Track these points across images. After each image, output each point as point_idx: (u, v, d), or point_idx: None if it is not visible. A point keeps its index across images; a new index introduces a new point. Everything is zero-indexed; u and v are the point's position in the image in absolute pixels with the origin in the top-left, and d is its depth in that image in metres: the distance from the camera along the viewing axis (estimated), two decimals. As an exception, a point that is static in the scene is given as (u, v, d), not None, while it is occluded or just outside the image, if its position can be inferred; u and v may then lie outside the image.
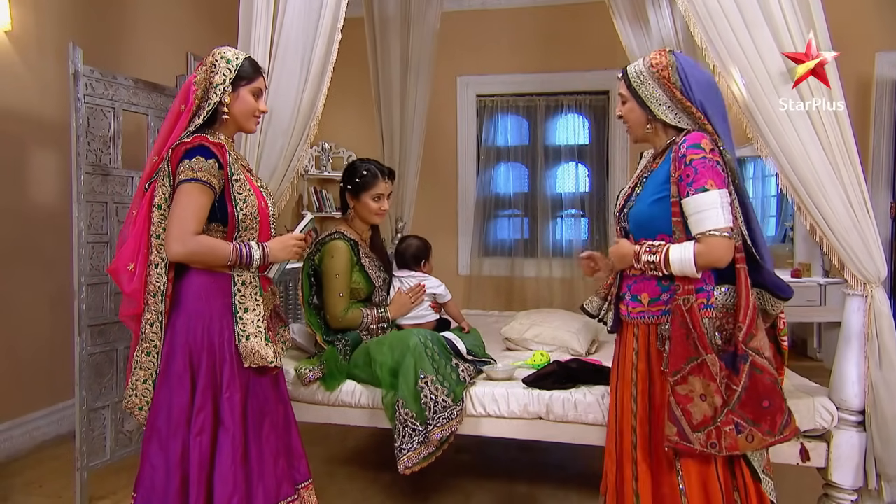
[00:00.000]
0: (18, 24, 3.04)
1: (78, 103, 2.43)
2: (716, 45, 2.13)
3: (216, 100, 1.93)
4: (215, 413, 1.88)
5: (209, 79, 1.95)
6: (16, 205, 3.07)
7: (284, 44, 2.34)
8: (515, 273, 5.64)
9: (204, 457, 1.85)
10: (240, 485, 1.87)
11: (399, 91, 3.78)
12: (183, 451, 1.85)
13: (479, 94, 5.67)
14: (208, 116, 1.95)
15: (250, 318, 1.93)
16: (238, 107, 1.98)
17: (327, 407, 2.45)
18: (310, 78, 2.34)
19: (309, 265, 2.60)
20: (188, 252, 1.85)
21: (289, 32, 2.33)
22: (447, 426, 2.23)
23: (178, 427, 1.86)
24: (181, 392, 1.87)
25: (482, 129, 5.69)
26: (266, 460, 1.98)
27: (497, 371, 2.44)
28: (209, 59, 1.97)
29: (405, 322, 2.68)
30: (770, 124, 2.10)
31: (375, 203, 2.61)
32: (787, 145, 2.09)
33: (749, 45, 2.11)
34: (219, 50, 1.98)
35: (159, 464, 1.86)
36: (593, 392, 2.29)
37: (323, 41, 2.33)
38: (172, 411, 1.87)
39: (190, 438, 1.85)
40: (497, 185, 5.74)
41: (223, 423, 1.87)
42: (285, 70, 2.34)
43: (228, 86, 1.95)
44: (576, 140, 5.65)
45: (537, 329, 2.96)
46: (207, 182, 1.86)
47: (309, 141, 2.43)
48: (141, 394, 1.94)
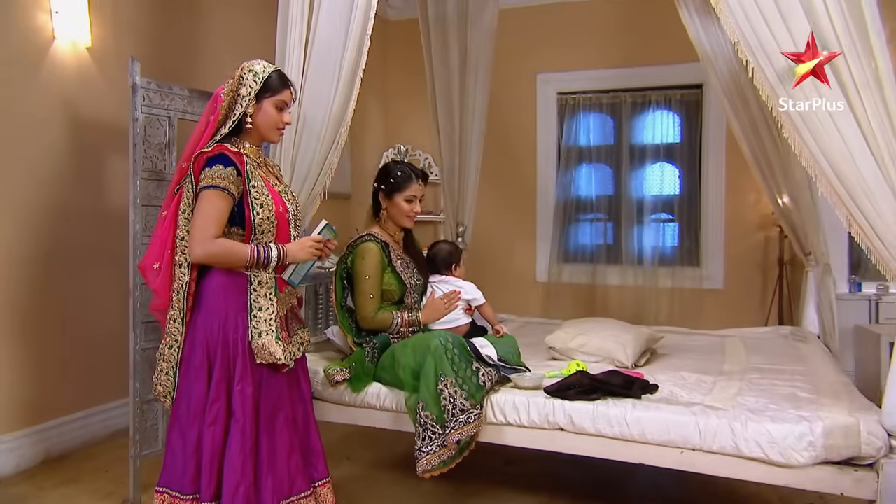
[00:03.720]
0: (98, 39, 3.47)
1: (135, 113, 2.76)
2: (748, 39, 2.11)
3: (241, 111, 2.17)
4: (228, 405, 2.10)
5: (236, 91, 2.18)
6: (95, 209, 3.49)
7: (317, 50, 2.54)
8: (597, 281, 5.60)
9: (216, 445, 2.07)
10: (248, 474, 2.06)
11: (458, 92, 3.92)
12: (199, 440, 2.08)
13: (559, 92, 5.69)
14: (234, 126, 2.19)
15: (263, 316, 2.13)
16: (261, 118, 2.21)
17: (354, 408, 2.62)
18: (340, 84, 2.53)
19: (342, 267, 2.78)
20: (208, 254, 2.08)
21: (321, 39, 2.52)
22: (464, 430, 2.33)
23: (196, 417, 2.09)
24: (199, 384, 2.10)
25: (563, 128, 5.71)
26: (278, 454, 2.16)
27: (524, 379, 2.51)
28: (238, 71, 2.21)
29: (436, 326, 2.79)
30: (809, 123, 2.05)
31: (408, 205, 2.76)
32: (828, 146, 2.03)
33: (786, 38, 2.07)
34: (248, 63, 2.21)
35: (178, 450, 2.11)
36: (619, 405, 2.30)
37: (353, 47, 2.51)
38: (191, 402, 2.11)
39: (204, 428, 2.08)
40: (579, 188, 5.72)
41: (234, 414, 2.08)
42: (318, 76, 2.54)
43: (253, 98, 2.18)
44: (665, 138, 5.53)
45: (583, 338, 2.99)
46: (226, 188, 2.09)
47: (340, 147, 2.63)
48: (164, 384, 2.20)
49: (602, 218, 5.70)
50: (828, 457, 2.09)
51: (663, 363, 2.99)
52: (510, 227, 5.77)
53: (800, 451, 2.09)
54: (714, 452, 2.19)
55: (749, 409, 2.28)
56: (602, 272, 5.58)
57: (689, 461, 2.22)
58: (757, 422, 2.16)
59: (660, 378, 2.67)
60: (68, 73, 3.36)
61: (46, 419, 3.31)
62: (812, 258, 3.75)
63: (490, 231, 5.73)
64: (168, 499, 2.13)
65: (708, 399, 2.41)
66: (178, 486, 2.12)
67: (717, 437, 2.17)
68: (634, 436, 2.25)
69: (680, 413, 2.24)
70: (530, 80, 5.68)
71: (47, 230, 3.28)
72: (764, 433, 2.13)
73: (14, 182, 3.13)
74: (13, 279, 3.15)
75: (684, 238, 5.54)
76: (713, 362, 3.03)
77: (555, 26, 5.58)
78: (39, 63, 3.23)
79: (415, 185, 2.76)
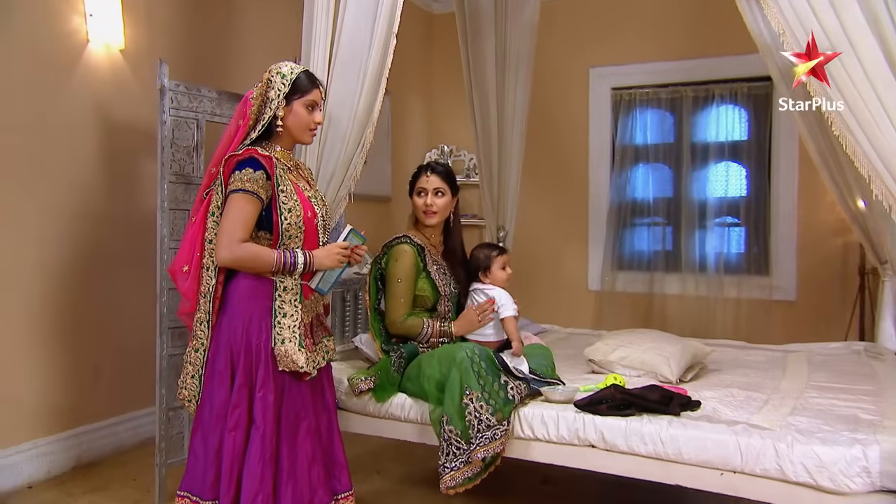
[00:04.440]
0: (131, 41, 3.68)
1: (163, 116, 2.93)
2: (794, 30, 2.10)
3: (270, 114, 2.29)
4: (249, 411, 2.22)
5: (265, 94, 2.32)
6: (128, 213, 3.69)
7: (342, 50, 2.65)
8: (655, 289, 5.55)
9: (236, 452, 2.19)
10: (267, 482, 2.17)
11: (496, 89, 3.97)
12: (220, 445, 2.21)
13: (614, 87, 5.67)
14: (264, 129, 2.31)
15: (287, 323, 2.24)
16: (292, 120, 2.34)
17: (378, 419, 2.70)
18: (366, 84, 2.63)
19: (376, 268, 2.88)
20: (234, 258, 2.21)
21: (346, 38, 2.63)
22: (490, 446, 2.38)
23: (217, 421, 2.22)
24: (222, 388, 2.23)
25: (617, 126, 5.69)
26: (299, 463, 2.27)
27: (556, 393, 2.54)
28: (266, 74, 2.34)
29: (471, 338, 2.85)
30: (861, 122, 2.02)
31: (420, 199, 2.83)
32: (883, 145, 2.00)
33: (835, 29, 2.05)
34: (276, 66, 2.35)
35: (200, 455, 2.25)
36: (654, 422, 2.32)
37: (378, 46, 2.61)
38: (213, 407, 2.24)
39: (224, 433, 2.20)
40: (635, 189, 5.69)
41: (255, 421, 2.20)
42: (343, 76, 2.65)
43: (282, 100, 2.30)
44: (730, 135, 5.44)
45: (624, 350, 2.99)
46: (254, 192, 2.22)
47: (365, 150, 2.73)
48: (189, 387, 2.34)
49: (660, 222, 5.65)
50: (884, 484, 2.05)
51: (712, 379, 2.97)
52: (560, 231, 5.78)
53: (852, 476, 2.06)
54: (757, 476, 2.18)
55: (798, 429, 2.26)
56: (660, 280, 5.53)
57: (731, 484, 2.22)
58: (804, 443, 2.14)
59: (705, 395, 2.67)
60: (102, 76, 3.57)
61: (78, 425, 3.52)
62: (889, 267, 3.65)
63: (538, 236, 5.77)
64: (188, 503, 2.26)
65: (754, 418, 2.40)
66: (199, 491, 2.25)
67: (760, 458, 2.16)
68: (670, 455, 2.25)
69: (719, 431, 2.24)
70: (582, 76, 5.69)
71: (81, 234, 3.50)
72: (811, 456, 2.11)
73: (48, 186, 3.35)
74: (48, 283, 3.37)
75: (751, 244, 5.44)
76: (769, 379, 2.99)
77: (608, 17, 5.58)
78: (73, 66, 3.45)
79: (423, 178, 2.84)
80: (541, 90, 5.61)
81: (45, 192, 3.33)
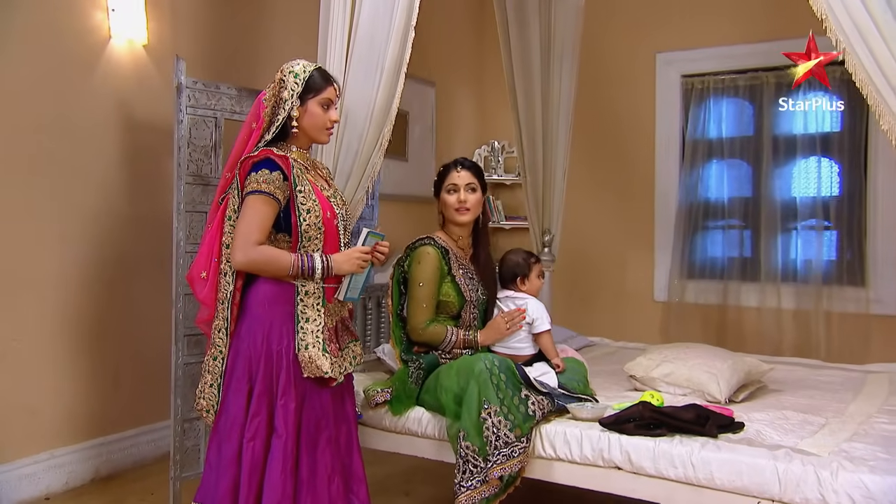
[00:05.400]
0: (155, 36, 3.93)
1: (180, 115, 3.14)
2: (838, 15, 2.13)
3: (284, 115, 2.47)
4: (270, 420, 2.38)
5: (278, 95, 2.49)
6: (150, 214, 3.94)
7: (360, 44, 2.79)
8: (730, 301, 5.49)
9: (256, 462, 2.35)
10: (288, 494, 2.33)
11: (540, 79, 4.06)
12: (235, 454, 2.37)
13: (684, 74, 5.65)
14: (279, 131, 2.49)
15: (311, 328, 2.41)
16: (307, 120, 2.51)
17: (395, 434, 2.83)
18: (383, 79, 2.78)
19: (399, 271, 3.01)
20: (249, 261, 2.39)
21: (364, 32, 2.78)
22: (507, 464, 2.47)
23: (234, 430, 2.39)
24: (238, 397, 2.40)
25: (688, 117, 5.67)
26: (319, 475, 2.43)
27: (584, 410, 2.61)
28: (278, 74, 2.52)
29: (497, 349, 2.95)
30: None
31: (450, 195, 2.95)
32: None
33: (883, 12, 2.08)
34: (288, 65, 2.52)
35: (213, 464, 2.42)
36: (686, 443, 2.36)
37: (396, 40, 2.75)
38: (229, 415, 2.41)
39: (243, 443, 2.37)
40: (708, 189, 5.65)
41: (276, 430, 2.36)
42: (360, 72, 2.80)
43: (296, 100, 2.47)
44: (820, 127, 5.34)
45: (669, 366, 3.04)
46: (271, 194, 2.39)
47: (383, 148, 2.87)
48: (208, 397, 2.51)
49: (737, 225, 5.58)
50: (942, 521, 2.05)
51: (768, 400, 2.98)
52: (623, 236, 5.79)
53: (904, 510, 2.07)
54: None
55: (849, 456, 2.27)
56: (735, 290, 5.47)
57: (769, 514, 2.25)
58: (851, 471, 2.15)
59: (755, 416, 2.69)
60: (124, 73, 3.83)
61: (97, 435, 3.77)
62: None
63: (596, 240, 5.80)
64: (203, 514, 2.45)
65: (803, 443, 2.41)
66: (211, 501, 2.42)
67: (801, 486, 2.18)
68: (701, 479, 2.30)
69: (757, 456, 2.27)
70: (648, 62, 5.69)
71: (102, 236, 3.75)
72: (858, 485, 2.12)
73: (70, 186, 3.61)
74: (69, 286, 3.62)
75: (844, 250, 5.32)
76: (835, 402, 2.98)
77: (678, -4, 5.58)
78: (95, 63, 3.71)
79: (453, 173, 2.95)
80: (601, 78, 5.67)
81: (67, 192, 3.59)
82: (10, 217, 3.40)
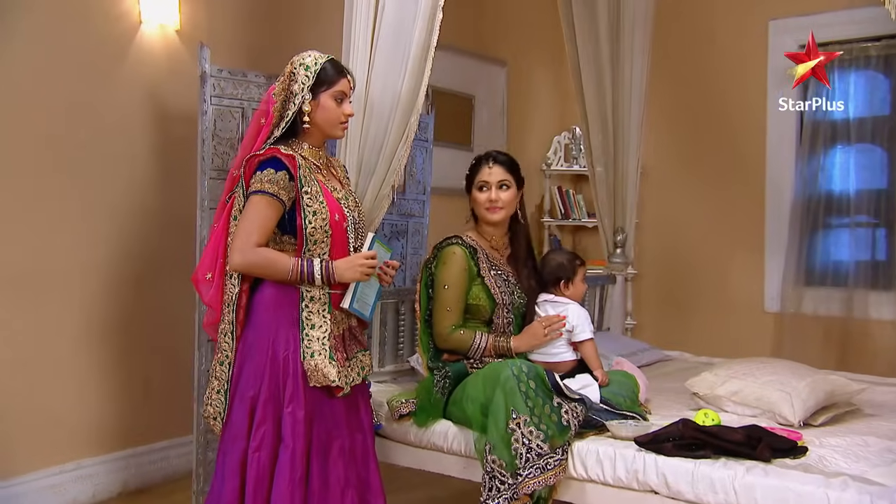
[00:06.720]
0: (188, 21, 4.23)
1: (204, 105, 3.40)
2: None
3: (295, 109, 2.69)
4: (277, 429, 2.59)
5: (288, 88, 2.72)
6: (179, 210, 4.19)
7: (385, 30, 2.97)
8: (856, 312, 5.39)
9: (262, 473, 2.56)
10: None
11: (609, 59, 4.14)
12: (239, 464, 2.60)
13: (802, 44, 5.60)
14: (289, 127, 2.71)
15: (316, 335, 2.62)
16: (320, 115, 2.72)
17: (419, 449, 3.00)
18: (409, 65, 2.96)
19: (426, 273, 3.17)
20: (247, 263, 2.62)
21: (389, 16, 2.96)
22: (541, 478, 2.58)
23: (237, 438, 2.62)
24: (242, 405, 2.63)
25: (807, 94, 5.61)
26: (331, 487, 2.63)
27: (625, 428, 2.70)
28: (288, 67, 2.75)
29: (534, 357, 3.07)
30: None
31: (481, 193, 3.11)
32: None
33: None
34: (298, 57, 2.75)
35: (218, 473, 2.66)
36: (730, 466, 2.43)
37: (422, 22, 2.93)
38: (232, 424, 2.64)
39: (249, 453, 2.59)
40: (831, 179, 5.58)
41: (284, 439, 2.57)
42: (385, 60, 2.99)
43: (307, 93, 2.69)
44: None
45: (737, 384, 3.08)
46: (275, 194, 2.61)
47: (409, 140, 3.06)
48: (215, 404, 2.76)
49: (867, 223, 5.48)
50: None
51: (852, 425, 2.98)
52: (725, 235, 5.77)
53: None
54: (849, 540, 2.23)
55: (917, 486, 2.30)
56: (863, 300, 5.37)
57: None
58: (916, 504, 2.19)
59: (829, 441, 2.72)
60: (156, 60, 4.16)
61: (126, 447, 4.10)
62: None
63: (692, 241, 5.82)
64: (207, 524, 2.70)
65: (874, 472, 2.43)
66: None
67: (853, 519, 2.23)
68: (743, 507, 2.37)
69: (808, 483, 2.31)
70: (760, 30, 5.66)
71: (130, 233, 4.07)
72: (921, 520, 2.16)
73: (98, 180, 3.91)
74: (96, 287, 3.94)
75: None
76: (938, 428, 2.97)
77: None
78: (125, 50, 4.04)
79: (485, 169, 3.12)
80: (702, 52, 5.70)
81: (95, 187, 3.91)
82: (33, 213, 3.71)
